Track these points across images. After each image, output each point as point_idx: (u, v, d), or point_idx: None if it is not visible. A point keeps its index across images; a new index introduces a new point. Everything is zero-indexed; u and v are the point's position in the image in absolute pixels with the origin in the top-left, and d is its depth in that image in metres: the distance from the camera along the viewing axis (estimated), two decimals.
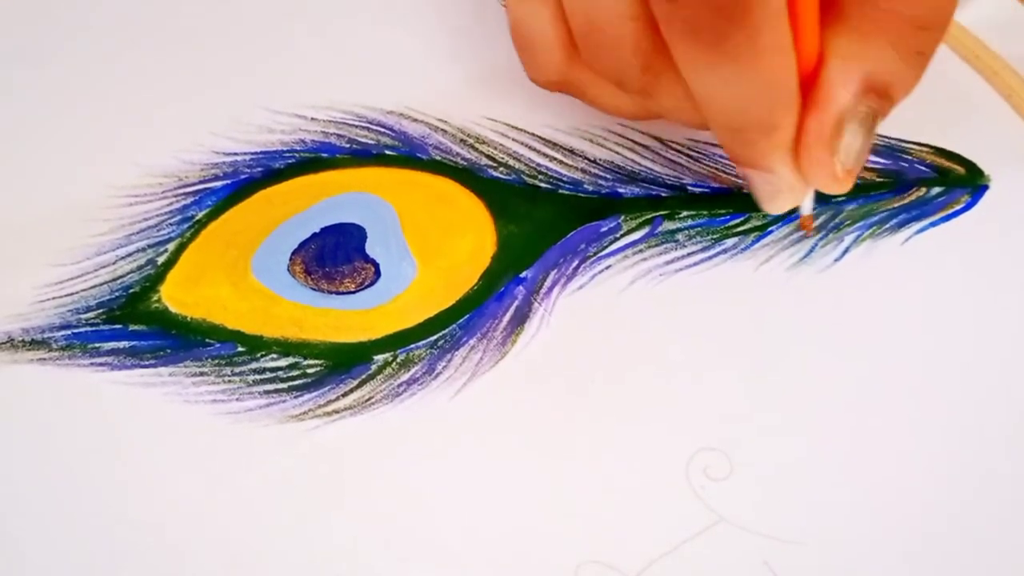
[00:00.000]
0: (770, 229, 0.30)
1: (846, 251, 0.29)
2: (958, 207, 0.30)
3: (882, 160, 0.31)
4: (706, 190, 0.30)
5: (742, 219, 0.30)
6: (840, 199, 0.30)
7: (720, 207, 0.30)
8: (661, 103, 0.27)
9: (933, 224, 0.30)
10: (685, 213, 0.30)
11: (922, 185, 0.31)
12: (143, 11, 0.33)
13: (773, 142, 0.25)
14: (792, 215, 0.29)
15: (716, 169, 0.31)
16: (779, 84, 0.23)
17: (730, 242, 0.30)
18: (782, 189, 0.26)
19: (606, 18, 0.25)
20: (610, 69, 0.26)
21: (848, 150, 0.24)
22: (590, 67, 0.27)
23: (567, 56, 0.27)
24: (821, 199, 0.29)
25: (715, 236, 0.30)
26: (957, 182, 0.31)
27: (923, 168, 0.31)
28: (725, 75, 0.23)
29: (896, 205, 0.30)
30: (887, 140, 0.32)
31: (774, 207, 0.27)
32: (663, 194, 0.30)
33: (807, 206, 0.28)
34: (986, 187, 0.31)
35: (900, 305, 0.29)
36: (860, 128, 0.24)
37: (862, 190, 0.31)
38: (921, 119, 0.32)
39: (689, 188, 0.30)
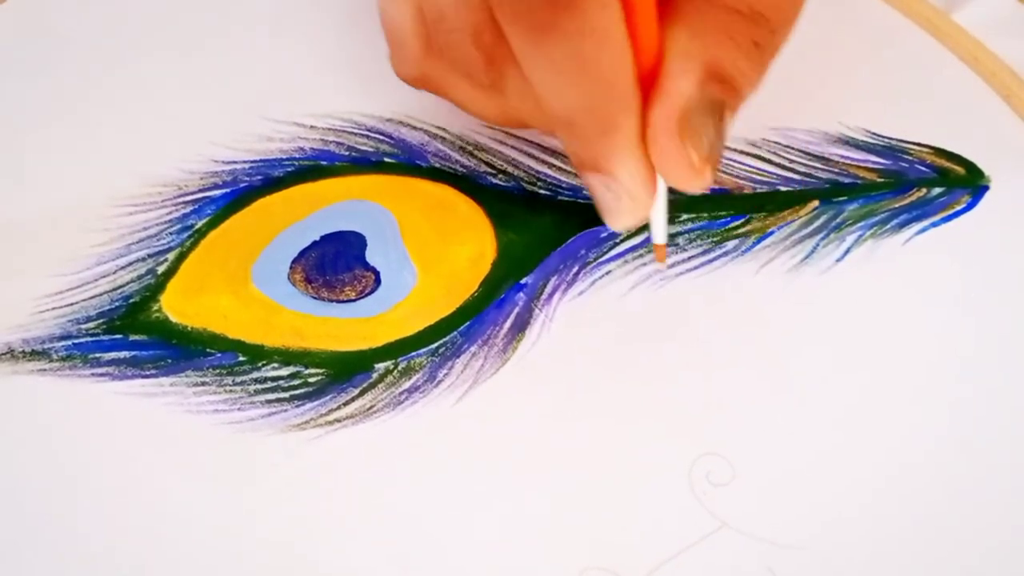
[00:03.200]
0: (771, 230, 0.30)
1: (847, 251, 0.29)
2: (959, 207, 0.30)
3: (883, 160, 0.31)
4: (706, 192, 0.30)
5: (742, 220, 0.30)
6: (841, 199, 0.30)
7: (720, 209, 0.30)
8: (510, 101, 0.27)
9: (934, 224, 0.30)
10: (685, 216, 0.30)
11: (923, 185, 0.31)
12: (140, 20, 0.33)
13: (611, 141, 0.24)
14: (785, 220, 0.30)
15: (717, 170, 0.31)
16: (612, 76, 0.23)
17: (731, 244, 0.29)
18: (622, 198, 0.25)
19: (450, 6, 0.25)
20: (458, 61, 0.26)
21: (698, 137, 0.23)
22: (442, 59, 0.27)
23: (425, 49, 0.27)
24: (737, 206, 0.29)
25: (715, 239, 0.30)
26: (957, 182, 0.31)
27: (923, 168, 0.31)
28: (556, 61, 0.23)
29: (897, 205, 0.30)
30: (888, 140, 0.32)
31: (617, 220, 0.26)
32: None
33: (658, 234, 0.27)
34: (986, 188, 0.31)
35: (902, 306, 0.29)
36: (709, 117, 0.24)
37: (863, 190, 0.31)
38: (920, 120, 0.32)
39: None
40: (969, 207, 0.30)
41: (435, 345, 0.27)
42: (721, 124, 0.24)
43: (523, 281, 0.28)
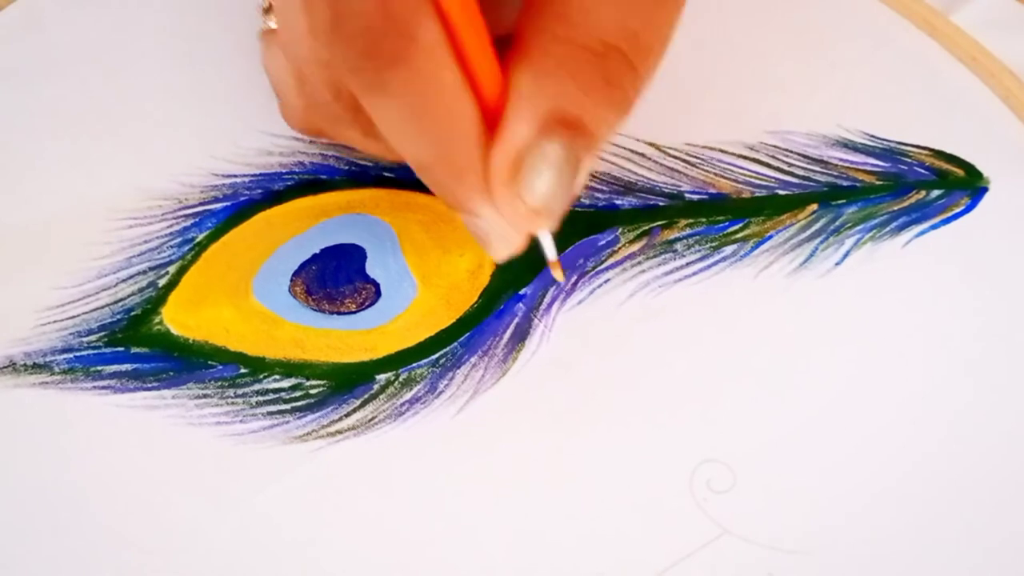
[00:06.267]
0: (769, 235, 0.30)
1: (847, 255, 0.29)
2: (958, 209, 0.30)
3: (881, 163, 0.31)
4: (704, 197, 0.30)
5: (741, 225, 0.30)
6: (840, 202, 0.30)
7: (718, 214, 0.30)
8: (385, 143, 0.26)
9: (934, 227, 0.30)
10: (683, 222, 0.30)
11: (922, 188, 0.31)
12: (141, 34, 0.33)
13: (464, 185, 0.23)
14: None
15: (714, 175, 0.31)
16: (451, 125, 0.22)
17: (729, 249, 0.29)
18: (491, 232, 0.25)
19: (308, 66, 0.25)
20: (331, 114, 0.26)
21: (531, 188, 0.22)
22: (321, 112, 0.26)
23: (307, 105, 0.27)
24: (735, 211, 0.30)
25: (714, 244, 0.30)
26: (957, 184, 0.31)
27: (922, 171, 0.31)
28: (393, 115, 0.22)
29: (896, 208, 0.30)
30: (886, 143, 0.32)
31: (493, 252, 0.25)
32: (660, 203, 0.30)
33: (549, 252, 0.26)
34: (985, 189, 0.31)
35: (902, 309, 0.29)
36: (550, 166, 0.22)
37: (862, 193, 0.31)
38: (919, 122, 0.32)
39: (687, 196, 0.30)
40: (968, 209, 0.30)
41: (436, 356, 0.27)
42: (569, 170, 0.23)
43: (522, 291, 0.29)
